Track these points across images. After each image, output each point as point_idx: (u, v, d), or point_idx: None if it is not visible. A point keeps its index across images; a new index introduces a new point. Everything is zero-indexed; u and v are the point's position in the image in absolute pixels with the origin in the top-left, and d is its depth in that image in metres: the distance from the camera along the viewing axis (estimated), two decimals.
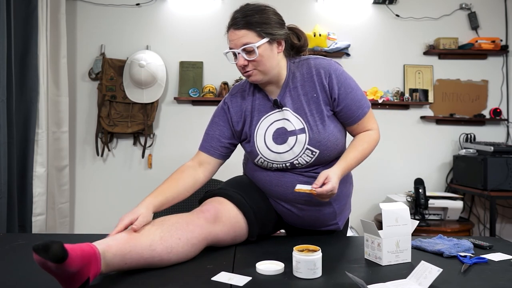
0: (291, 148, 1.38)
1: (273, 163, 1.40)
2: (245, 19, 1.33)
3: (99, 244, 1.03)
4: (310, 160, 1.38)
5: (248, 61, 1.33)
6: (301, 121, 1.38)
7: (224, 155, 1.49)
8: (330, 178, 1.28)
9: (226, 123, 1.47)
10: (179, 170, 1.44)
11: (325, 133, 1.37)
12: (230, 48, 1.35)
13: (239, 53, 1.33)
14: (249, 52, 1.32)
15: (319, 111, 1.38)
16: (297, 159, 1.38)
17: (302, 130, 1.37)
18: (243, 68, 1.35)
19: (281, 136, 1.39)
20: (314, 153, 1.37)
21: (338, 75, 1.39)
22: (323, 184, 1.27)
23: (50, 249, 0.88)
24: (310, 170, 1.41)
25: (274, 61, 1.37)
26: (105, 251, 1.03)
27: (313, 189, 1.26)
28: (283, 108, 1.40)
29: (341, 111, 1.40)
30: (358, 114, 1.41)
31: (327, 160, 1.40)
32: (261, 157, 1.41)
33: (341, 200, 1.47)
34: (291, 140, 1.38)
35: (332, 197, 1.32)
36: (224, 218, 1.32)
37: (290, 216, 1.47)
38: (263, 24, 1.33)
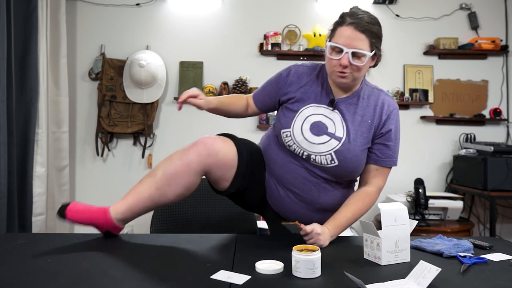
0: (319, 143, 1.40)
1: (293, 143, 1.41)
2: (368, 26, 1.34)
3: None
4: (325, 164, 1.40)
5: (351, 64, 1.34)
6: (344, 131, 1.41)
7: (265, 110, 1.60)
8: (315, 225, 1.32)
9: (277, 86, 1.51)
10: (237, 97, 1.60)
11: (354, 155, 1.39)
12: (339, 44, 1.33)
13: (346, 52, 1.32)
14: (357, 57, 1.34)
15: (364, 136, 1.41)
16: (316, 155, 1.40)
17: (339, 138, 1.40)
18: (341, 67, 1.34)
19: (319, 128, 1.41)
20: (333, 162, 1.39)
21: (396, 120, 1.48)
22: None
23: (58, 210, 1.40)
24: (317, 173, 1.42)
25: (364, 73, 1.42)
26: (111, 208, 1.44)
27: (296, 223, 1.30)
28: (335, 110, 1.42)
29: (377, 146, 1.44)
30: (384, 160, 1.46)
31: (337, 175, 1.42)
32: (289, 131, 1.42)
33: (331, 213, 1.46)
34: (324, 138, 1.40)
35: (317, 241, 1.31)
36: (221, 153, 1.39)
37: (279, 200, 1.49)
38: (377, 37, 1.37)
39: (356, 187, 1.54)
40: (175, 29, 3.30)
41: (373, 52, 1.36)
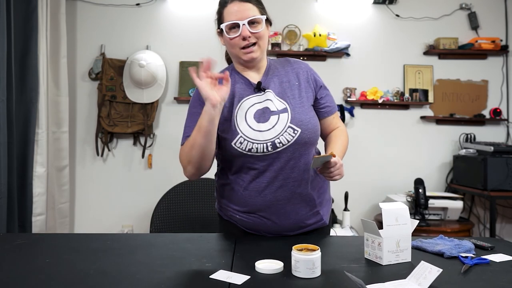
0: (273, 126, 1.37)
1: (253, 143, 1.35)
2: None
3: None
4: (291, 140, 1.36)
5: (252, 33, 1.35)
6: (283, 103, 1.41)
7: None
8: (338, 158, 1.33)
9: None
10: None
11: (306, 115, 1.40)
12: (233, 20, 1.35)
13: (243, 24, 1.34)
14: (253, 24, 1.36)
15: (301, 96, 1.43)
16: (278, 138, 1.36)
17: (284, 110, 1.39)
18: (245, 40, 1.35)
19: (263, 115, 1.39)
20: (295, 132, 1.37)
21: (314, 72, 1.51)
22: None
23: None
24: (289, 166, 1.37)
25: (267, 41, 1.44)
26: None
27: (331, 154, 1.30)
28: (266, 91, 1.42)
29: (324, 98, 1.48)
30: (334, 107, 1.53)
31: (306, 142, 1.39)
32: (241, 136, 1.36)
33: (319, 193, 1.46)
34: (274, 118, 1.38)
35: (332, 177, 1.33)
36: None
37: (271, 226, 1.44)
38: (261, 4, 1.42)
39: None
40: (175, 29, 3.29)
41: (265, 16, 1.39)
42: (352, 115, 3.32)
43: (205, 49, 3.30)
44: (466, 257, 1.21)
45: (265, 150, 1.36)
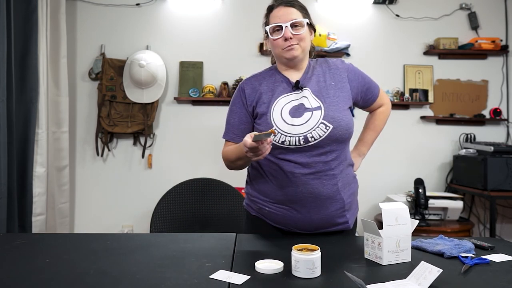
0: (306, 122, 1.44)
1: (286, 136, 1.43)
2: (293, 1, 1.50)
3: None
4: (323, 135, 1.43)
5: (294, 35, 1.45)
6: (318, 101, 1.48)
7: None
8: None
9: (242, 107, 1.55)
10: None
11: (339, 112, 1.47)
12: (276, 22, 1.46)
13: (286, 26, 1.44)
14: (296, 27, 1.46)
15: (336, 96, 1.50)
16: (310, 132, 1.43)
17: (318, 108, 1.46)
18: (287, 41, 1.45)
19: (297, 111, 1.46)
20: (327, 128, 1.43)
21: (353, 68, 1.61)
22: None
23: None
24: (321, 160, 1.44)
25: (309, 44, 1.53)
26: None
27: (272, 131, 1.31)
28: (304, 89, 1.49)
29: (367, 90, 1.63)
30: (376, 92, 1.67)
31: (338, 139, 1.46)
32: (275, 129, 1.45)
33: (349, 194, 1.50)
34: (307, 114, 1.45)
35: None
36: None
37: (300, 219, 1.47)
38: (304, 9, 1.52)
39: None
40: (175, 29, 3.29)
41: (307, 20, 1.49)
42: (352, 115, 3.31)
43: (205, 49, 3.33)
44: (466, 257, 1.21)
45: (297, 143, 1.43)
